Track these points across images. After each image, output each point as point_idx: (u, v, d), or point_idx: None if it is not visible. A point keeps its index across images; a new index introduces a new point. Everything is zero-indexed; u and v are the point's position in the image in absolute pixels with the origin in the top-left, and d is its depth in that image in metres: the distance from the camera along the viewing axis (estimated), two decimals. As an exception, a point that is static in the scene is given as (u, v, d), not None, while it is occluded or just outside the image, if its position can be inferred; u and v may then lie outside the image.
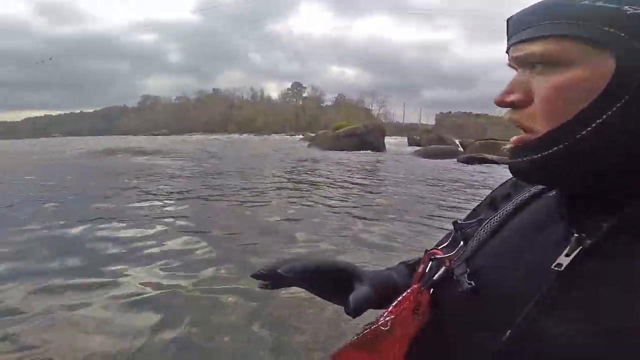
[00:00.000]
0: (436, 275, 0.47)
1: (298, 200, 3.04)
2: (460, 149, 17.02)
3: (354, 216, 2.57)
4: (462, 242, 0.50)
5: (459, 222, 0.53)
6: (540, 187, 0.48)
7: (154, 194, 3.66)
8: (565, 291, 0.35)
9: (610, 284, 0.33)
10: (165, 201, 2.90)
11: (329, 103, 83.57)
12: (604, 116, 0.33)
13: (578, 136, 0.34)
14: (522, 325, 0.35)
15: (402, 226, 2.29)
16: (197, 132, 54.86)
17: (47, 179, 4.64)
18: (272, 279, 0.48)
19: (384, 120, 69.40)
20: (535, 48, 0.37)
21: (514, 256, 0.42)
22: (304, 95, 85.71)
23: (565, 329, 0.34)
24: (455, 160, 9.96)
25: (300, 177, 5.15)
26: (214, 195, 3.69)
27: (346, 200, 3.20)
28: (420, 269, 0.51)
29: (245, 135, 44.23)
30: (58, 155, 10.13)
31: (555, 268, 0.35)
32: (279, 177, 5.00)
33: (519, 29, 0.40)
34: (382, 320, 0.43)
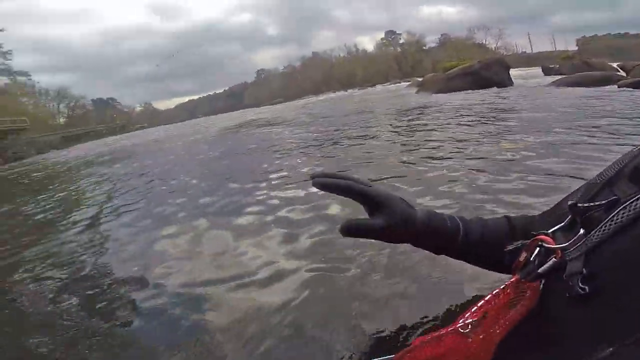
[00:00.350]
0: (543, 268, 0.39)
1: (412, 157, 2.76)
2: (622, 72, 13.20)
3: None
4: (582, 230, 0.38)
5: (573, 202, 0.41)
6: None
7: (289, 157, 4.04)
8: None
9: None
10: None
11: (433, 45, 75.41)
12: None
13: None
14: None
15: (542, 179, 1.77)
16: (307, 95, 57.78)
17: (211, 150, 6.14)
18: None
19: (504, 53, 59.02)
20: None
21: None
22: (401, 41, 79.00)
23: None
24: (616, 86, 7.85)
25: (413, 127, 4.70)
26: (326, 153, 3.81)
27: (466, 151, 2.75)
28: (522, 257, 0.44)
29: (349, 91, 43.33)
30: (206, 130, 12.37)
31: None
32: (391, 131, 4.66)
33: None
34: (461, 323, 0.40)
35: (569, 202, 0.41)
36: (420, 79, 22.00)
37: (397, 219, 0.49)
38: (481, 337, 0.39)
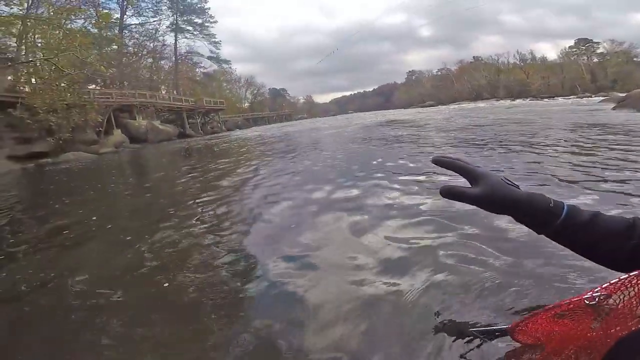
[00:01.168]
0: None
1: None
2: None
3: None
4: None
5: None
6: None
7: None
8: None
9: None
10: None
11: None
12: None
13: None
14: None
15: None
16: (463, 100, 53.50)
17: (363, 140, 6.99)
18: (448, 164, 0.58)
19: None
20: None
21: None
22: (599, 50, 61.28)
23: None
24: None
25: (595, 143, 3.94)
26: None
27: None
28: None
29: (518, 101, 37.94)
30: (362, 123, 13.46)
31: None
32: (563, 147, 4.01)
33: None
34: (589, 295, 0.41)
35: None
36: (622, 94, 17.27)
37: (490, 189, 0.53)
38: (607, 331, 0.38)
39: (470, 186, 0.55)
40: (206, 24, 43.63)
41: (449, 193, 0.54)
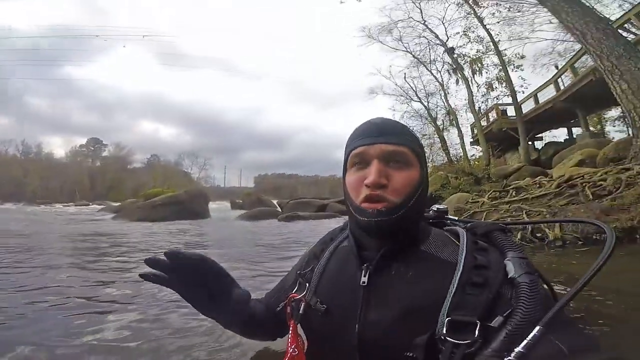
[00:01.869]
0: (301, 310, 0.73)
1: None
2: (279, 209, 18.50)
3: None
4: (307, 284, 0.75)
5: (299, 271, 0.80)
6: (338, 241, 0.81)
7: None
8: (371, 295, 0.66)
9: (389, 284, 0.65)
10: None
11: (139, 165, 68.71)
12: (417, 195, 0.67)
13: (410, 204, 0.66)
14: (362, 319, 0.64)
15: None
16: None
17: None
18: (160, 264, 0.69)
19: (205, 185, 64.17)
20: (402, 149, 0.67)
21: (338, 283, 0.72)
22: (104, 154, 67.03)
23: (379, 316, 0.63)
24: (277, 219, 11.01)
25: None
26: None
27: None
28: (289, 310, 0.75)
29: (9, 205, 28.57)
30: None
31: (362, 284, 0.67)
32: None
33: (387, 133, 0.68)
34: (291, 349, 0.69)
35: (297, 272, 0.82)
36: (116, 204, 19.74)
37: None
38: None
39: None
40: None
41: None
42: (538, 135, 16.36)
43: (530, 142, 15.16)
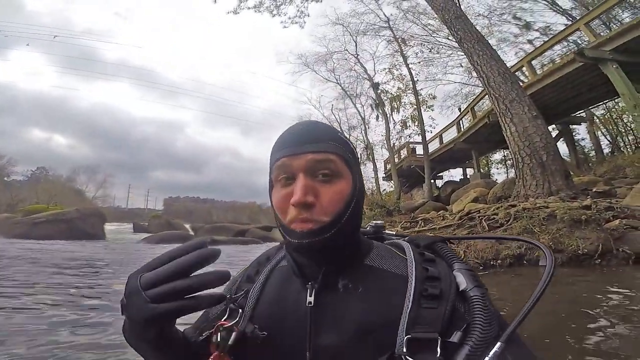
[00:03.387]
0: (231, 340, 0.59)
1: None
2: (192, 232, 17.35)
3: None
4: (240, 310, 0.63)
5: (229, 296, 0.66)
6: (276, 261, 0.71)
7: None
8: (319, 316, 0.58)
9: (338, 303, 0.59)
10: None
11: (21, 178, 57.56)
12: (349, 209, 0.59)
13: (342, 221, 0.58)
14: (312, 344, 0.56)
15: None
16: None
17: None
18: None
19: (101, 205, 55.53)
20: (330, 158, 0.59)
21: (280, 306, 0.62)
22: None
23: (332, 339, 0.56)
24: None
25: None
26: None
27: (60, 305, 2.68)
28: (214, 339, 0.60)
29: None
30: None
31: (309, 305, 0.59)
32: None
33: (313, 140, 0.59)
34: None
35: (227, 297, 0.65)
36: None
37: None
38: None
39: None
40: None
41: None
42: (439, 175, 18.86)
43: (432, 180, 17.12)
